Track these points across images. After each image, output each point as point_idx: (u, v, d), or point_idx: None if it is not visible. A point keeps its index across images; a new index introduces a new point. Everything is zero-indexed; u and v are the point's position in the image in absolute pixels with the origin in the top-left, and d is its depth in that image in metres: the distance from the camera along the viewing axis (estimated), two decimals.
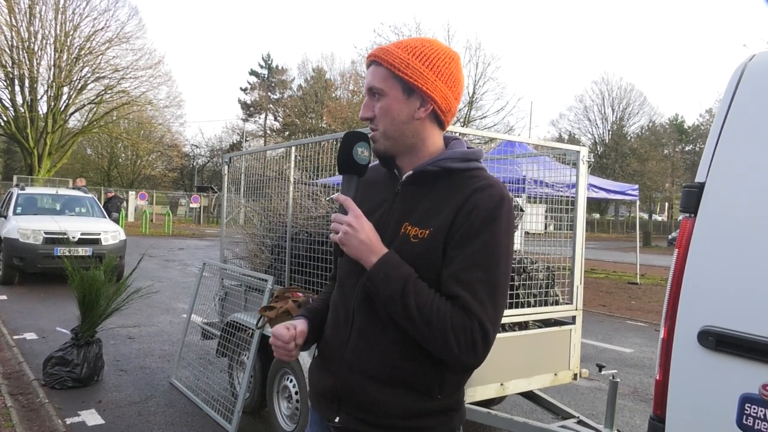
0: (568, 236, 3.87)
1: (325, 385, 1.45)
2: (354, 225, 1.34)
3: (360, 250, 1.34)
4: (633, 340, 7.86)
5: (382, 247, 1.35)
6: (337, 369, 1.42)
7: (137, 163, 42.89)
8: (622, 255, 23.53)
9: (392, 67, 1.38)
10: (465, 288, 1.29)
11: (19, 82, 28.61)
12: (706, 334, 1.57)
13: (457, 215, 1.33)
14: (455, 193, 1.37)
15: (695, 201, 1.66)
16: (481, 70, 30.29)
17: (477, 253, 1.30)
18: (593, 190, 12.04)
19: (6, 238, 9.65)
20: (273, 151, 5.51)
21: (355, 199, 1.40)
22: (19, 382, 4.82)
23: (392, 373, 1.36)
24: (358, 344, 1.40)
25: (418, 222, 1.37)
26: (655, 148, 45.35)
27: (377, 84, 1.40)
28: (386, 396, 1.35)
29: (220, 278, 5.07)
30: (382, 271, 1.32)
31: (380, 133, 1.43)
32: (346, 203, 1.37)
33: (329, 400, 1.44)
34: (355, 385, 1.38)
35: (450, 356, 1.29)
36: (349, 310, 1.43)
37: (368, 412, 1.37)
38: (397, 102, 1.39)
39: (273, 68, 51.91)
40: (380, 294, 1.32)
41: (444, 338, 1.26)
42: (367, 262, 1.34)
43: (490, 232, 1.31)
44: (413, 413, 1.36)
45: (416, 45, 1.41)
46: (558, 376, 3.75)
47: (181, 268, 13.28)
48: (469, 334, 1.26)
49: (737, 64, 1.70)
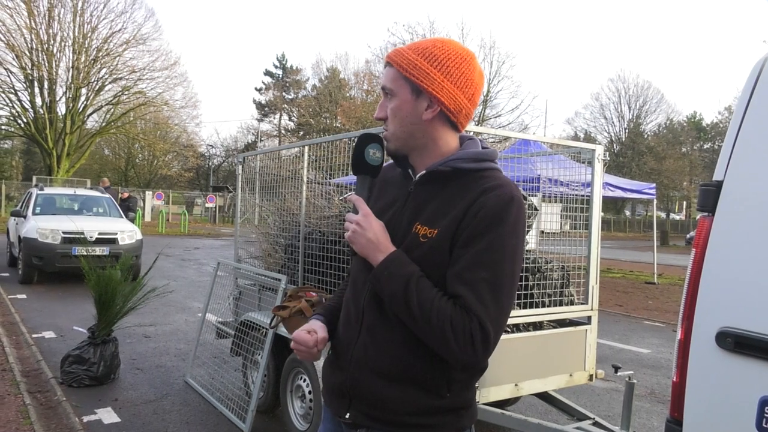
0: (584, 235, 3.83)
1: (336, 381, 1.48)
2: (362, 224, 1.38)
3: (367, 248, 1.38)
4: (650, 340, 7.77)
5: (389, 245, 1.39)
6: (347, 365, 1.44)
7: (154, 163, 43.31)
8: (639, 254, 23.29)
9: (400, 68, 1.41)
10: (468, 287, 1.29)
11: (38, 83, 29.03)
12: (725, 335, 1.54)
13: (465, 215, 1.33)
14: (465, 193, 1.37)
15: (713, 200, 1.63)
16: (496, 69, 30.12)
17: (482, 253, 1.30)
18: (609, 188, 11.92)
19: (25, 238, 9.79)
20: (287, 151, 5.52)
21: (368, 199, 1.45)
22: (37, 380, 4.88)
23: (400, 370, 1.37)
24: (367, 341, 1.42)
25: (427, 222, 1.38)
26: (672, 146, 44.82)
27: (388, 84, 1.44)
28: (394, 393, 1.37)
29: (234, 277, 5.09)
30: (386, 270, 1.35)
31: (390, 133, 1.46)
32: (357, 203, 1.41)
33: (340, 397, 1.47)
34: (364, 381, 1.41)
35: (449, 354, 1.30)
36: (359, 308, 1.46)
37: (377, 408, 1.39)
38: (406, 103, 1.41)
39: (287, 68, 52.12)
40: (384, 292, 1.36)
41: (443, 336, 1.27)
42: (374, 260, 1.38)
43: (495, 232, 1.31)
44: (421, 410, 1.37)
45: (427, 46, 1.41)
46: (573, 377, 3.71)
47: (197, 268, 13.38)
48: (468, 333, 1.27)
49: (756, 61, 1.66)
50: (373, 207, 1.46)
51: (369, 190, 1.47)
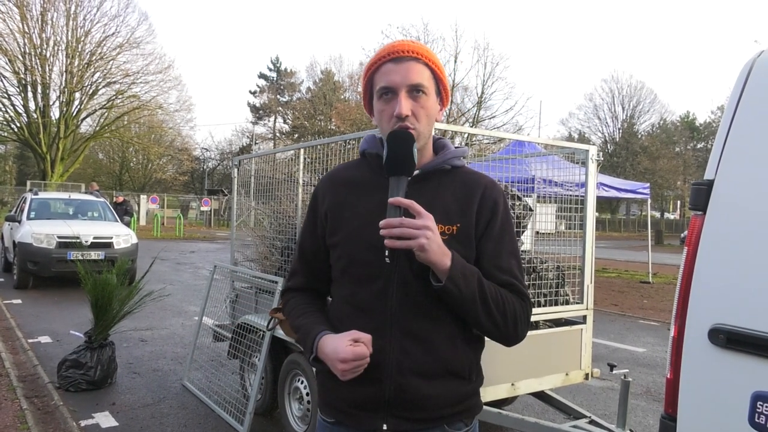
0: (579, 235, 3.85)
1: (366, 395, 1.38)
2: (434, 229, 1.28)
3: (438, 254, 1.29)
4: (646, 339, 7.80)
5: (446, 248, 1.32)
6: (384, 375, 1.36)
7: (148, 167, 43.19)
8: (634, 254, 23.36)
9: (436, 67, 1.42)
10: (510, 275, 1.43)
11: (31, 88, 28.90)
12: (717, 332, 1.56)
13: (480, 209, 1.43)
14: (468, 188, 1.46)
15: (704, 198, 1.65)
16: (490, 70, 30.10)
17: (509, 243, 1.46)
18: (604, 188, 11.96)
19: (20, 243, 9.75)
20: (282, 154, 5.53)
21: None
22: (34, 385, 4.87)
23: (441, 366, 1.39)
24: (406, 345, 1.37)
25: (442, 219, 1.39)
26: (666, 146, 45.02)
27: (424, 82, 1.39)
28: (436, 389, 1.38)
29: (231, 280, 5.09)
30: (460, 272, 1.32)
31: (419, 132, 1.39)
32: (413, 207, 1.28)
33: (371, 410, 1.39)
34: (408, 386, 1.36)
35: (514, 338, 1.43)
36: (385, 314, 1.38)
37: (422, 409, 1.38)
38: (434, 102, 1.43)
39: (282, 71, 52.10)
40: (462, 294, 1.32)
41: (515, 324, 1.40)
42: (442, 265, 1.30)
43: (509, 223, 1.48)
44: (458, 399, 1.42)
45: (426, 47, 1.46)
46: (569, 376, 3.73)
47: (193, 271, 13.35)
48: (527, 315, 1.44)
49: (746, 60, 1.68)
50: (351, 210, 1.41)
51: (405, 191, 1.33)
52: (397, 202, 1.28)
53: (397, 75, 1.37)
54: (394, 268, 1.37)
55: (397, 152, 1.33)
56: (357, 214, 1.43)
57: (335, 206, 1.47)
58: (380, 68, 1.41)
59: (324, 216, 1.49)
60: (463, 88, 30.35)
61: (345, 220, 1.44)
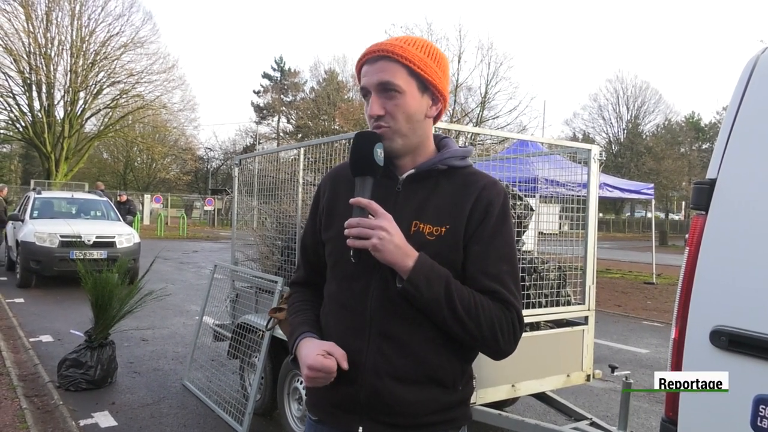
0: (581, 236, 3.82)
1: (343, 395, 1.37)
2: (389, 229, 1.28)
3: (396, 254, 1.28)
4: (649, 340, 7.76)
5: (412, 248, 1.31)
6: (359, 376, 1.35)
7: (152, 166, 43.25)
8: (638, 255, 23.27)
9: (411, 63, 1.35)
10: (497, 282, 1.34)
11: (36, 87, 29.00)
12: (719, 333, 1.53)
13: (473, 211, 1.37)
14: (465, 189, 1.40)
15: (706, 198, 1.62)
16: (493, 70, 30.01)
17: (501, 247, 1.37)
18: (608, 189, 11.90)
19: (23, 242, 9.78)
20: (284, 153, 5.51)
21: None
22: (34, 384, 4.87)
23: (421, 371, 1.35)
24: (382, 347, 1.35)
25: (431, 219, 1.37)
26: (671, 147, 44.81)
27: (395, 80, 1.35)
28: (415, 395, 1.34)
29: (231, 280, 5.08)
30: (422, 275, 1.29)
31: (394, 130, 1.37)
32: (371, 206, 1.29)
33: (347, 411, 1.38)
34: (383, 389, 1.33)
35: (496, 349, 1.35)
36: (364, 314, 1.37)
37: (398, 414, 1.34)
38: (414, 99, 1.37)
39: (285, 71, 52.10)
40: (424, 297, 1.29)
41: (493, 334, 1.31)
42: (403, 266, 1.28)
43: (506, 227, 1.40)
44: (440, 408, 1.37)
45: (421, 43, 1.41)
46: (571, 378, 3.70)
47: (195, 271, 13.36)
48: (511, 325, 1.33)
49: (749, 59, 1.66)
50: (343, 208, 1.39)
51: (371, 191, 1.34)
52: (356, 202, 1.30)
53: (368, 76, 1.38)
54: (376, 268, 1.35)
55: (359, 153, 1.34)
56: (347, 211, 1.40)
57: (331, 202, 1.48)
58: (361, 70, 1.42)
59: (322, 211, 1.51)
60: (466, 88, 30.31)
61: (337, 216, 1.43)
